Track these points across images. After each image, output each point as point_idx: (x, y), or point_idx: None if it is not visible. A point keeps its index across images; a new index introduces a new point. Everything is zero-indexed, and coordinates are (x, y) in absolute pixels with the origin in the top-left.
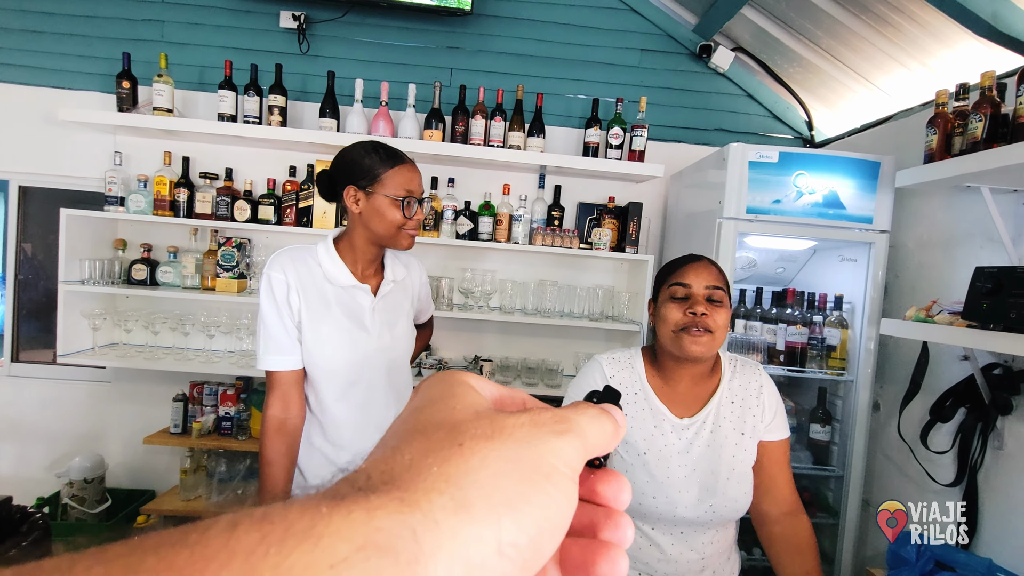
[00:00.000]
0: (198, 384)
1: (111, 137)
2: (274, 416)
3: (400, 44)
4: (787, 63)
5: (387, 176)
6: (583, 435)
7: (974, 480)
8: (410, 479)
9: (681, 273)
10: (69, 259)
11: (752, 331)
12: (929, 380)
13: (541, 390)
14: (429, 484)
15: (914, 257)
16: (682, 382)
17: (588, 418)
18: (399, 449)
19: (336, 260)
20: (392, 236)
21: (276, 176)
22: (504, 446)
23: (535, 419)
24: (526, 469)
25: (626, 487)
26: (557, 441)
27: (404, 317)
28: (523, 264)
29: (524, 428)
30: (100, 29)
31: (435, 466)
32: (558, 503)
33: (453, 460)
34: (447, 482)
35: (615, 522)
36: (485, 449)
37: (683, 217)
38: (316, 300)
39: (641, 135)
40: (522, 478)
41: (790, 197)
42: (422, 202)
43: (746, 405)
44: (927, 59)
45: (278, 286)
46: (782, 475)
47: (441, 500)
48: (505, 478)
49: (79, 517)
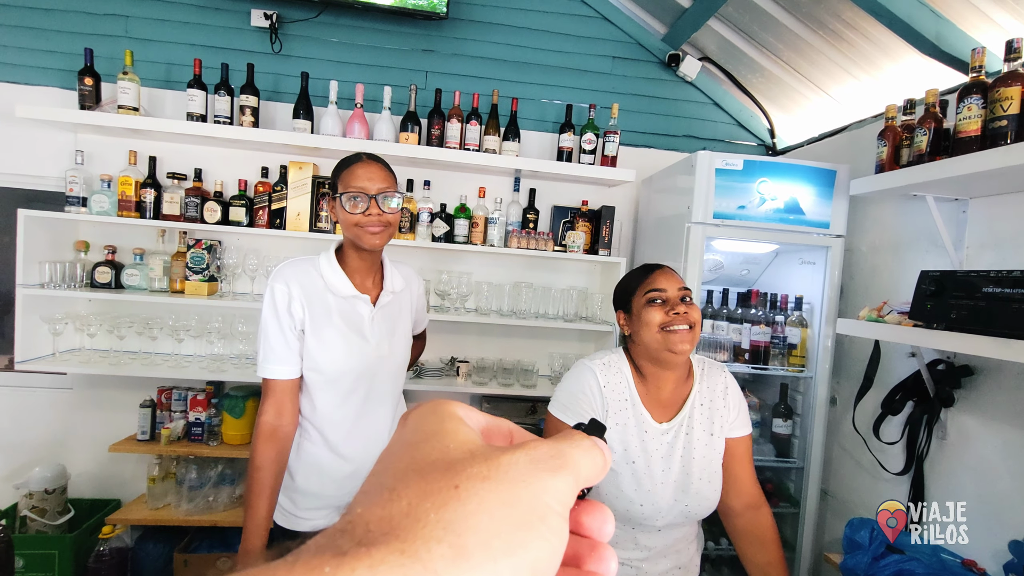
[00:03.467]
0: (166, 390)
1: (71, 135)
2: (267, 422)
3: (375, 46)
4: (750, 73)
5: (342, 178)
6: (577, 470)
7: (921, 468)
8: (408, 527)
9: (653, 280)
10: (27, 261)
11: (719, 331)
12: (881, 375)
13: (517, 390)
14: (428, 532)
15: (867, 260)
16: (664, 387)
17: (582, 451)
18: (396, 492)
19: (337, 270)
20: (355, 236)
21: (248, 177)
22: (500, 487)
23: (531, 455)
24: (523, 512)
25: (609, 519)
26: (552, 479)
27: (402, 327)
28: (499, 266)
29: (519, 466)
30: (59, 22)
31: (432, 512)
32: (552, 545)
33: (450, 504)
34: (445, 529)
35: (599, 555)
36: (482, 491)
37: (654, 221)
38: (319, 309)
39: (613, 141)
40: (519, 522)
41: (754, 203)
42: (375, 198)
43: (714, 406)
44: (876, 72)
45: (280, 297)
46: (744, 470)
47: (440, 549)
48: (502, 522)
49: (40, 529)
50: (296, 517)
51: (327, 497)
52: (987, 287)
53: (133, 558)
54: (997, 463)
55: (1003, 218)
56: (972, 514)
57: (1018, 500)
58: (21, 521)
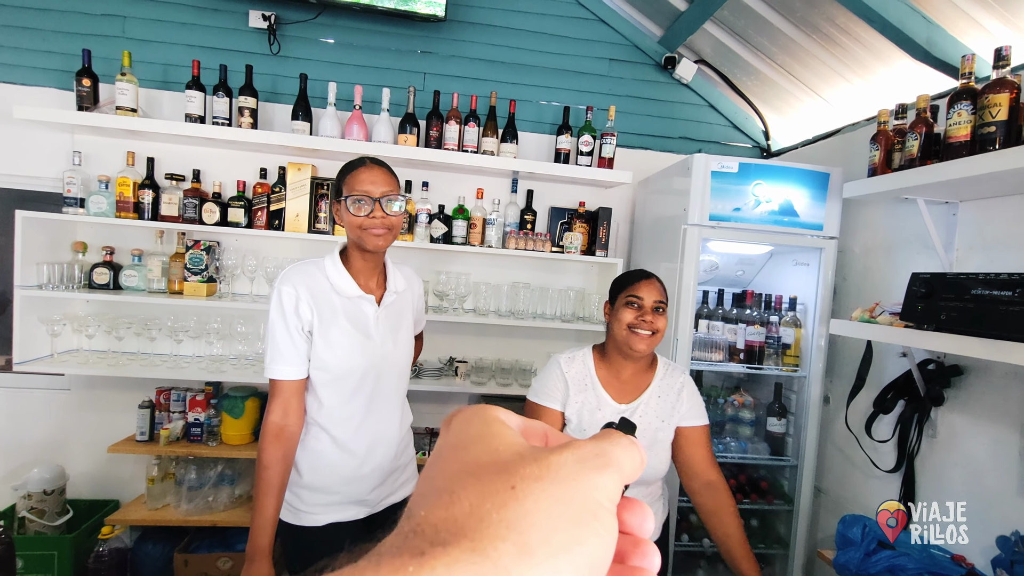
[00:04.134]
0: (165, 390)
1: (69, 136)
2: (274, 423)
3: (373, 47)
4: (745, 76)
5: (346, 182)
6: (620, 467)
7: (912, 465)
8: (474, 527)
9: (636, 288)
10: (25, 263)
11: (714, 331)
12: (873, 375)
13: (515, 390)
14: (493, 531)
15: (860, 261)
16: (623, 373)
17: (622, 449)
18: (455, 494)
19: (342, 272)
20: (359, 238)
21: (246, 178)
22: (553, 486)
23: (577, 455)
24: (576, 509)
25: (650, 516)
26: (600, 477)
27: (405, 326)
28: (497, 267)
29: (569, 466)
30: (56, 23)
31: (494, 512)
32: (605, 540)
33: (510, 505)
34: (508, 528)
35: (642, 551)
36: (537, 491)
37: (650, 222)
38: (326, 310)
39: (610, 143)
40: (574, 520)
41: (749, 205)
42: (379, 201)
43: (667, 401)
44: (868, 75)
45: (287, 299)
46: (699, 454)
47: (505, 547)
48: (559, 520)
49: (39, 530)
50: (302, 513)
51: (333, 493)
52: (976, 289)
53: (132, 558)
54: (985, 461)
55: (992, 221)
56: None
57: (1006, 497)
58: (20, 522)
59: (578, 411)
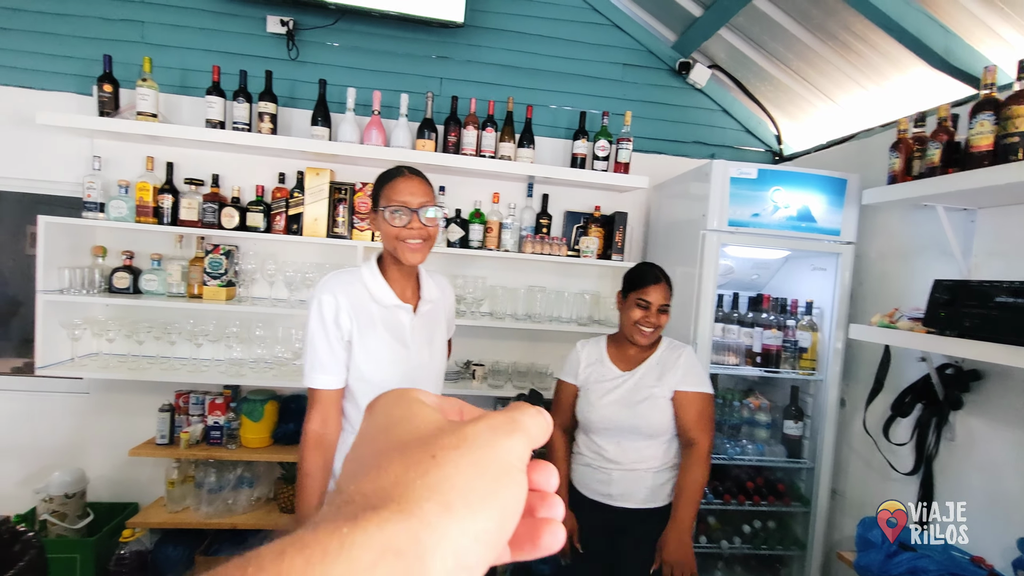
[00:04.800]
0: (184, 393)
1: (88, 141)
2: (314, 431)
3: (390, 52)
4: (759, 81)
5: (384, 192)
6: (528, 432)
7: (930, 469)
8: (401, 493)
9: (646, 292)
10: (47, 267)
11: (730, 334)
12: (890, 378)
13: None
14: (417, 494)
15: (876, 266)
16: (630, 350)
17: (529, 417)
18: (382, 468)
19: (380, 281)
20: (396, 249)
21: (264, 183)
22: (469, 452)
23: (489, 424)
24: (491, 470)
25: (554, 474)
26: (510, 441)
27: (440, 335)
28: (512, 270)
29: (483, 434)
30: (74, 28)
31: (418, 479)
32: (515, 493)
33: (431, 472)
34: (431, 491)
35: (549, 503)
36: (455, 457)
37: (665, 226)
38: (365, 319)
39: (627, 148)
40: (489, 478)
41: (767, 211)
42: (416, 212)
43: (665, 368)
44: (883, 82)
45: (327, 308)
46: (687, 415)
47: (429, 505)
48: (476, 479)
49: (60, 534)
50: None
51: None
52: (1000, 297)
53: (153, 561)
54: (1005, 464)
55: (1010, 228)
56: (981, 513)
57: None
58: (41, 525)
59: (586, 379)
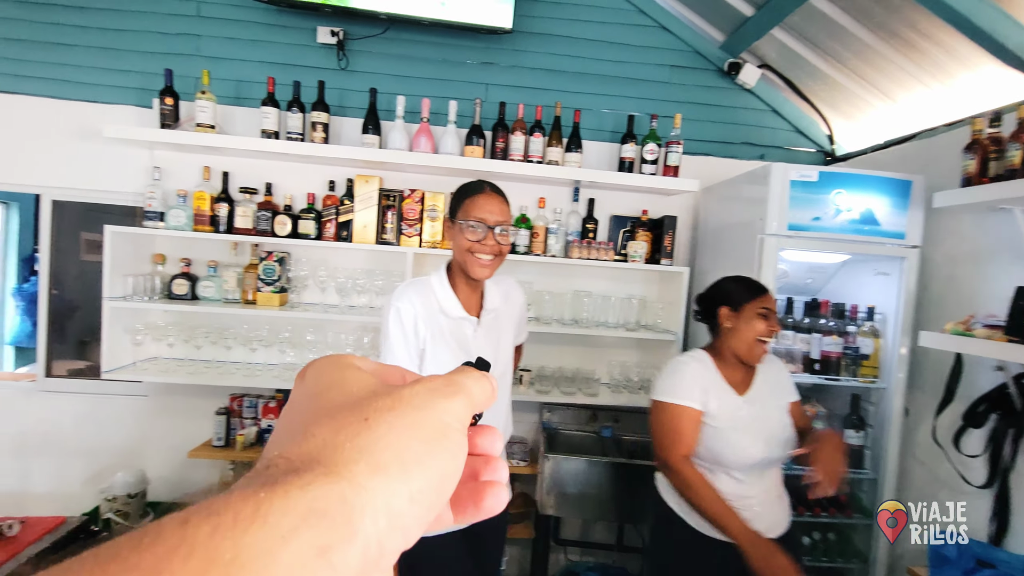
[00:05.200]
0: (238, 397)
1: (148, 152)
2: None
3: (437, 59)
4: (811, 80)
5: (464, 206)
6: (470, 394)
7: (1006, 482)
8: (328, 456)
9: (767, 300)
10: (112, 275)
11: (784, 340)
12: (961, 388)
13: (580, 398)
14: (346, 456)
15: (942, 271)
16: (739, 371)
17: (472, 380)
18: (310, 433)
19: (448, 292)
20: (463, 261)
21: (315, 190)
22: (405, 413)
23: (428, 386)
24: (427, 429)
25: (499, 437)
26: (448, 402)
27: (505, 343)
28: (558, 275)
29: (420, 395)
30: (133, 43)
31: (347, 442)
32: (453, 454)
33: (362, 434)
34: (360, 452)
35: (493, 466)
36: (390, 418)
37: (714, 229)
38: (436, 329)
39: (676, 151)
40: (424, 438)
41: (829, 214)
42: (492, 230)
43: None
44: (948, 80)
45: (407, 316)
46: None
47: (358, 467)
48: (410, 440)
49: (123, 533)
50: None
51: None
52: None
53: None
54: None
55: None
56: None
57: None
58: (104, 523)
59: (717, 408)
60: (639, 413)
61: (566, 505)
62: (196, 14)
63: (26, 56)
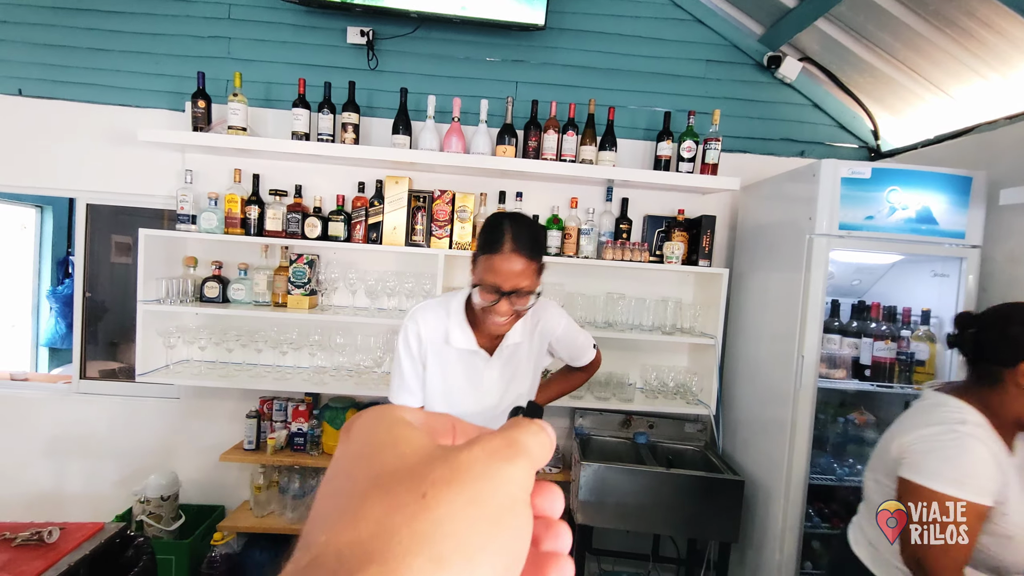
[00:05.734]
0: (268, 400)
1: (179, 155)
2: None
3: (467, 58)
4: (856, 73)
5: (481, 260)
6: (530, 454)
7: None
8: (382, 548)
9: None
10: (145, 278)
11: (830, 344)
12: None
13: (614, 404)
14: (404, 548)
15: (1004, 271)
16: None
17: (531, 435)
18: (361, 512)
19: (463, 325)
20: (480, 315)
21: (345, 192)
22: (464, 487)
23: (486, 449)
24: (491, 507)
25: (559, 496)
26: (511, 468)
27: (521, 374)
28: (589, 277)
29: (479, 462)
30: (166, 47)
31: (404, 527)
32: (521, 532)
33: (420, 516)
34: (420, 541)
35: (555, 532)
36: (449, 495)
37: (755, 228)
38: (443, 357)
39: (715, 148)
40: (489, 519)
41: (883, 213)
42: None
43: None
44: (1008, 71)
45: (412, 339)
46: None
47: (418, 562)
48: (473, 521)
49: (155, 535)
50: None
51: None
52: None
53: (241, 564)
54: None
55: None
56: None
57: None
58: (137, 525)
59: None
60: (674, 420)
61: (603, 514)
62: (227, 16)
63: (63, 62)
